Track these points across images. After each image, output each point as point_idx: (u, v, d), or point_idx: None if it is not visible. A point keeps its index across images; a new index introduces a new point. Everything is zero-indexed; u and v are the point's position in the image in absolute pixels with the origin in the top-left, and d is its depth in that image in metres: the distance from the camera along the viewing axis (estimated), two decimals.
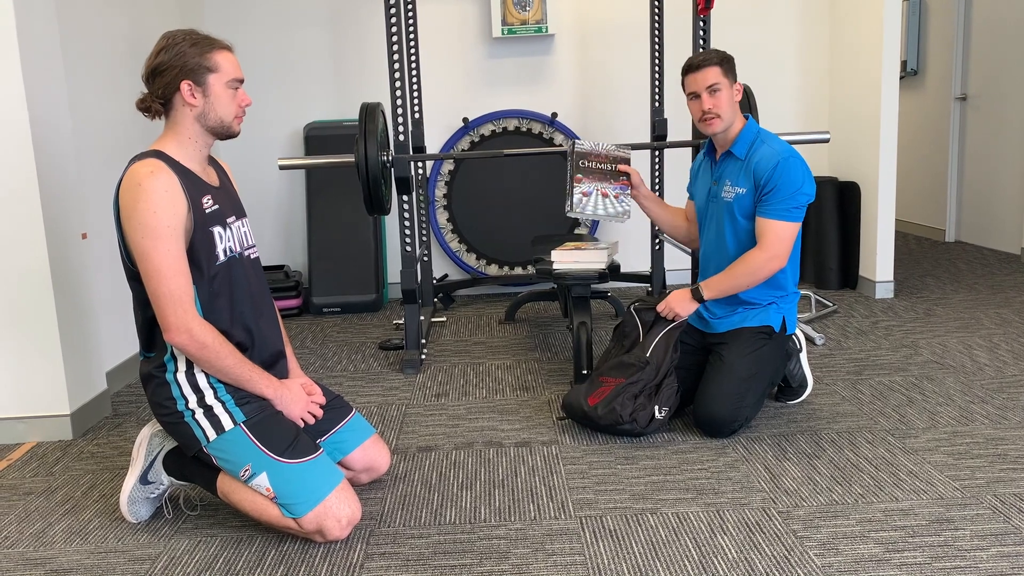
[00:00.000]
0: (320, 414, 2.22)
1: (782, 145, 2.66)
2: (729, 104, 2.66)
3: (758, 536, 2.03)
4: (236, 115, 2.11)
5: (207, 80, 2.05)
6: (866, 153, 4.39)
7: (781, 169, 2.58)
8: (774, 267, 2.61)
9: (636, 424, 2.58)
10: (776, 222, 2.60)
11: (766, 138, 2.69)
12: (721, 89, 2.64)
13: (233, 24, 4.56)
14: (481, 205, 4.75)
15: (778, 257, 2.60)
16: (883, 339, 3.61)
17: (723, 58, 2.67)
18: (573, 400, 2.70)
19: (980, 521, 2.05)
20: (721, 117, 2.65)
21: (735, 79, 2.69)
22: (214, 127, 2.09)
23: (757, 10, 4.69)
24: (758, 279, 2.64)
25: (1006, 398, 2.86)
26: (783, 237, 2.60)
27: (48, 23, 2.86)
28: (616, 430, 2.61)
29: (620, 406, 2.57)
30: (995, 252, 5.40)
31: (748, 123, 2.72)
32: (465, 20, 4.65)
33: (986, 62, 5.50)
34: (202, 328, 2.00)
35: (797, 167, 2.60)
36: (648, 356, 2.63)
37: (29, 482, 2.56)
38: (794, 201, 2.59)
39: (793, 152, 2.62)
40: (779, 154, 2.60)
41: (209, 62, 2.04)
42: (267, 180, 4.73)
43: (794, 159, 2.60)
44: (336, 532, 2.03)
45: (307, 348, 3.90)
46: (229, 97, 2.08)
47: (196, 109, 2.06)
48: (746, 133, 2.70)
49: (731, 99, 2.66)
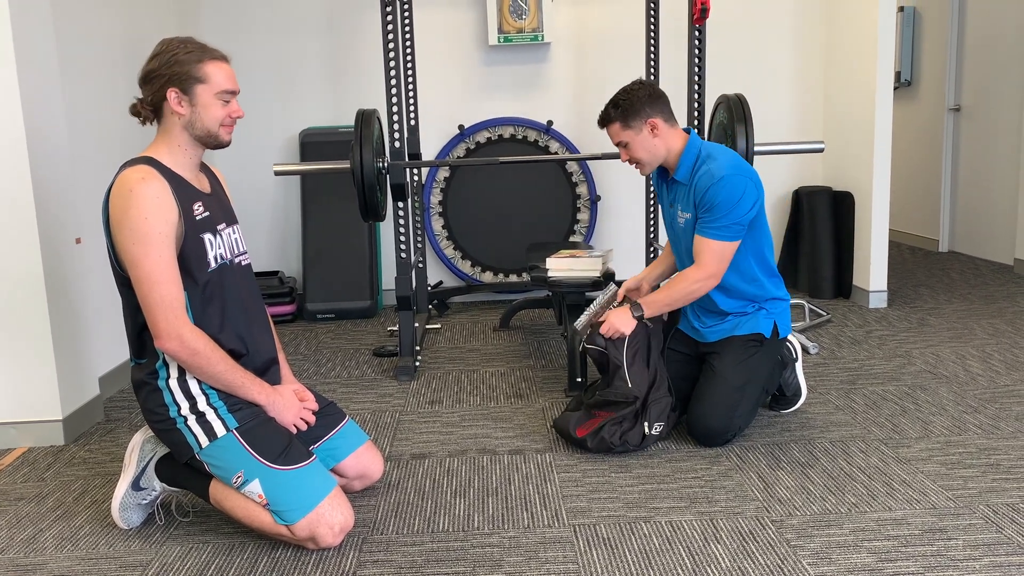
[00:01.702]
0: (313, 420, 2.21)
1: (724, 161, 2.59)
2: (644, 149, 2.65)
3: (751, 545, 2.02)
4: (223, 125, 2.09)
5: (195, 90, 2.04)
6: (860, 163, 4.41)
7: (715, 189, 2.54)
8: (711, 285, 2.60)
9: (628, 444, 2.56)
10: (712, 241, 2.57)
11: (708, 155, 2.63)
12: (629, 142, 2.65)
13: (230, 30, 4.56)
14: (476, 212, 4.75)
15: (714, 276, 2.59)
16: (876, 348, 3.62)
17: (620, 110, 2.63)
18: (563, 426, 2.68)
19: (973, 531, 2.05)
20: (643, 163, 2.68)
21: (642, 118, 2.61)
22: (201, 136, 2.09)
23: (752, 20, 4.71)
24: (695, 296, 2.63)
25: (999, 408, 2.87)
26: (719, 256, 2.57)
27: (44, 28, 2.86)
28: (609, 452, 2.59)
29: (608, 434, 2.55)
30: (988, 262, 5.41)
31: (688, 143, 2.66)
32: (461, 28, 4.67)
33: (979, 73, 5.53)
34: (193, 334, 2.00)
35: (734, 185, 2.53)
36: (631, 388, 2.60)
37: (20, 487, 2.54)
38: (730, 219, 2.54)
39: (734, 169, 2.56)
40: (716, 173, 2.55)
41: (199, 72, 2.04)
42: (262, 185, 4.73)
43: (731, 178, 2.53)
44: (329, 539, 2.03)
45: (301, 354, 3.89)
46: (218, 108, 2.07)
47: (183, 118, 2.05)
48: (686, 156, 2.65)
49: (644, 142, 2.64)
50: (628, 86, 2.67)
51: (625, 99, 2.64)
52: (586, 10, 4.68)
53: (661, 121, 2.64)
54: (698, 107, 3.65)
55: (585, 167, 4.71)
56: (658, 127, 2.63)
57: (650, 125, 2.63)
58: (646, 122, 2.63)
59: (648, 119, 2.62)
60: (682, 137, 2.68)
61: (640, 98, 2.62)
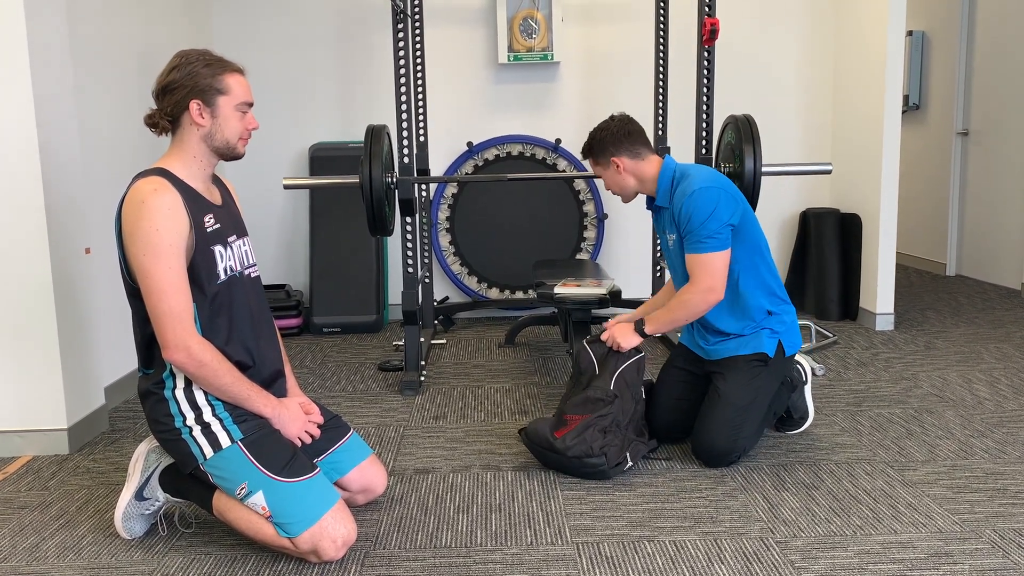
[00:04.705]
0: (317, 433, 2.21)
1: (698, 176, 2.62)
2: (614, 183, 2.78)
3: (755, 566, 2.01)
4: (241, 137, 2.13)
5: (217, 101, 2.06)
6: (868, 185, 4.41)
7: (688, 204, 2.57)
8: (712, 299, 2.59)
9: (606, 459, 2.50)
10: (700, 255, 2.58)
11: (683, 175, 2.67)
12: (601, 175, 2.81)
13: (242, 43, 4.60)
14: (483, 229, 4.76)
15: (711, 289, 2.58)
16: (883, 371, 3.61)
17: (590, 148, 2.78)
18: (539, 429, 2.60)
19: (979, 556, 2.03)
20: (621, 193, 2.81)
21: (607, 156, 2.73)
22: (219, 148, 2.11)
23: (761, 41, 4.73)
24: (697, 313, 2.63)
25: (1006, 433, 2.86)
26: (711, 268, 2.57)
27: (59, 38, 2.89)
28: (584, 463, 2.50)
29: (591, 438, 2.51)
30: (996, 287, 5.40)
31: (663, 168, 2.71)
32: (472, 46, 4.70)
33: (988, 97, 5.54)
34: (201, 346, 2.00)
35: (706, 198, 2.55)
36: (613, 389, 2.58)
37: (24, 496, 2.54)
38: (708, 230, 2.55)
39: (705, 182, 2.59)
40: (688, 189, 2.59)
41: (220, 84, 2.06)
42: (271, 199, 4.75)
43: (703, 191, 2.56)
44: (331, 553, 2.02)
45: (306, 368, 3.90)
46: (237, 119, 2.10)
47: (203, 129, 2.07)
48: (661, 181, 2.70)
49: (613, 177, 2.77)
50: (601, 124, 2.80)
51: (595, 137, 2.79)
52: (596, 30, 4.71)
53: (626, 159, 2.73)
54: (706, 127, 3.66)
55: (593, 185, 4.73)
56: (622, 164, 2.74)
57: (615, 164, 2.74)
58: (611, 160, 2.74)
59: (612, 157, 2.73)
60: (656, 163, 2.74)
61: (605, 138, 2.75)
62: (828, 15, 4.74)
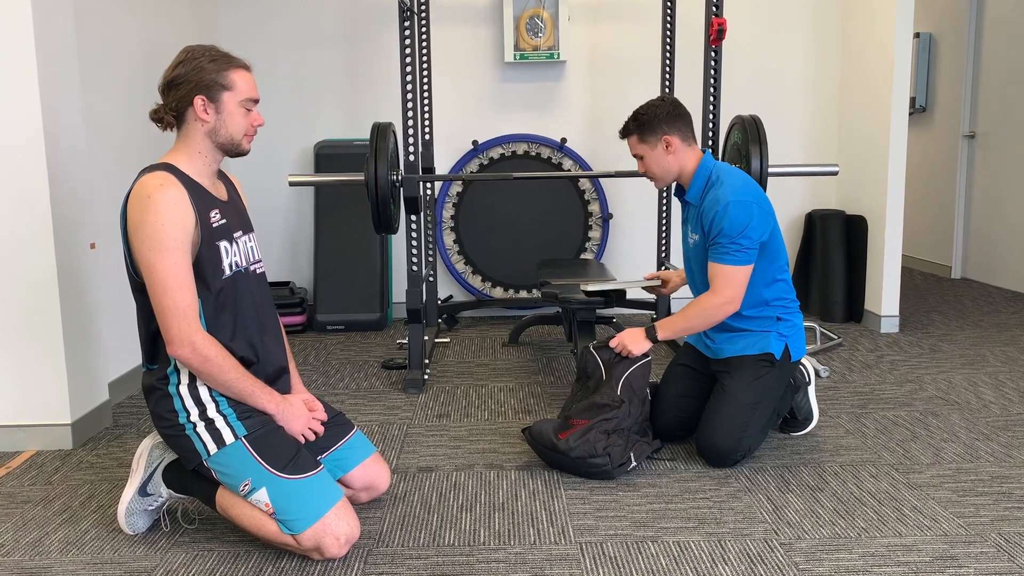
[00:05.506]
0: (321, 431, 2.21)
1: (733, 186, 2.58)
2: (658, 164, 2.69)
3: (759, 567, 2.00)
4: (246, 133, 2.12)
5: (221, 97, 2.06)
6: (874, 188, 4.40)
7: (722, 215, 2.53)
8: (729, 311, 2.58)
9: (610, 459, 2.49)
10: (725, 266, 2.56)
11: (718, 178, 2.63)
12: (644, 155, 2.70)
13: (249, 41, 4.60)
14: (488, 228, 4.76)
15: (731, 301, 2.57)
16: (888, 373, 3.60)
17: (638, 124, 2.68)
18: (543, 430, 2.60)
19: (984, 559, 2.02)
20: (656, 177, 2.73)
21: (658, 135, 2.65)
22: (224, 144, 2.10)
23: (768, 42, 4.72)
24: (712, 322, 2.62)
25: (1011, 436, 2.84)
26: (734, 281, 2.56)
27: (66, 33, 2.89)
28: (588, 464, 2.50)
29: (594, 439, 2.50)
30: (1001, 290, 5.38)
31: (701, 164, 2.67)
32: (478, 44, 4.69)
33: (995, 100, 5.52)
34: (205, 341, 2.00)
35: (740, 211, 2.52)
36: (619, 395, 2.57)
37: (27, 490, 2.54)
38: (739, 244, 2.53)
39: (740, 195, 2.55)
40: (723, 199, 2.55)
41: (225, 79, 2.06)
42: (276, 196, 4.75)
43: (737, 204, 2.53)
44: (334, 550, 2.02)
45: (310, 365, 3.90)
46: (241, 116, 2.09)
47: (207, 125, 2.07)
48: (697, 178, 2.67)
49: (658, 158, 2.68)
50: (652, 100, 2.71)
51: (645, 113, 2.68)
52: (602, 29, 4.70)
53: (677, 139, 2.66)
54: (713, 127, 3.65)
55: (598, 185, 4.72)
56: (673, 145, 2.65)
57: (665, 142, 2.65)
58: (661, 138, 2.65)
59: (664, 135, 2.65)
60: (696, 157, 2.69)
61: (659, 115, 2.65)
62: (835, 16, 4.73)
